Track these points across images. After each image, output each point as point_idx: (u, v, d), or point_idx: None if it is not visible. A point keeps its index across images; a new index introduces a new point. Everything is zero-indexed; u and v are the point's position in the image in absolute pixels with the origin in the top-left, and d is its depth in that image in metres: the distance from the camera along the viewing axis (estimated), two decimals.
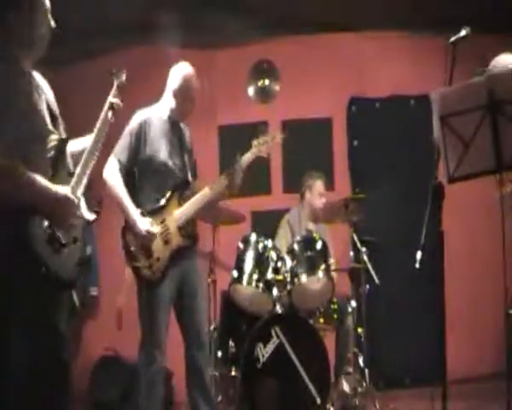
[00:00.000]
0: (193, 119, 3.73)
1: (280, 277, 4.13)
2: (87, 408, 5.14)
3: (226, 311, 4.42)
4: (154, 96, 3.67)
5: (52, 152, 2.46)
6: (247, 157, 3.65)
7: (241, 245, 4.19)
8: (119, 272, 4.40)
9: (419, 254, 2.56)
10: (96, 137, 2.63)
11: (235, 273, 4.08)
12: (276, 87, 6.07)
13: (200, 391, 3.42)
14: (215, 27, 5.38)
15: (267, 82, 6.09)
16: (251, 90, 6.10)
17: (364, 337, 4.41)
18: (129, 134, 3.45)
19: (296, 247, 4.20)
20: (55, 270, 2.34)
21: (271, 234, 4.64)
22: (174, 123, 3.58)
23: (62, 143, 2.51)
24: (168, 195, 3.43)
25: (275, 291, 4.10)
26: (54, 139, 2.48)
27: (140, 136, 3.43)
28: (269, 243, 4.19)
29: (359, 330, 4.46)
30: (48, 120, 2.49)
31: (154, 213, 3.39)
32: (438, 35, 3.94)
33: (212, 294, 4.34)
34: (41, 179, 2.34)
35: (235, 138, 5.50)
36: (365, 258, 4.39)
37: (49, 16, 2.55)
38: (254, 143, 3.68)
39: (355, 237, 4.47)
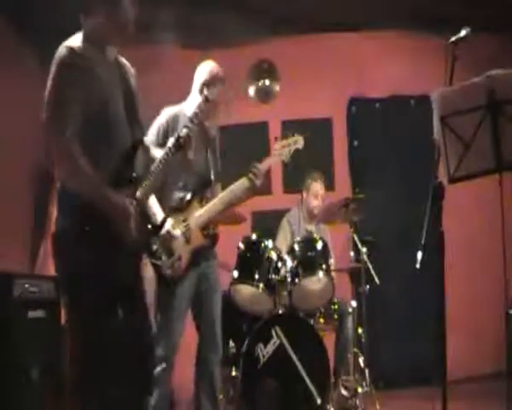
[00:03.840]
0: None
1: (280, 277, 4.13)
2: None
3: (226, 311, 4.41)
4: (154, 95, 3.66)
5: (126, 148, 2.44)
6: (269, 161, 3.65)
7: (241, 245, 4.19)
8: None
9: (419, 255, 2.56)
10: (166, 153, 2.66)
11: (235, 273, 4.08)
12: (276, 87, 6.07)
13: (207, 393, 3.42)
14: (215, 27, 5.38)
15: (267, 82, 6.09)
16: (251, 90, 6.10)
17: (364, 338, 4.41)
18: (156, 130, 3.45)
19: (296, 247, 4.20)
20: (112, 275, 2.32)
21: (272, 234, 4.64)
22: (199, 123, 3.56)
23: (135, 144, 2.48)
24: (191, 194, 3.42)
25: (275, 292, 4.09)
26: (128, 133, 2.45)
27: (167, 132, 3.41)
28: (269, 243, 4.19)
29: (359, 330, 4.46)
30: (122, 112, 2.45)
31: (177, 211, 3.38)
32: (438, 35, 3.94)
33: None
34: (103, 185, 2.32)
35: (236, 138, 5.51)
36: (365, 258, 4.39)
37: (134, 2, 2.52)
38: (276, 146, 3.69)
39: (355, 237, 4.47)
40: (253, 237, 4.22)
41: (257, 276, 4.03)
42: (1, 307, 3.68)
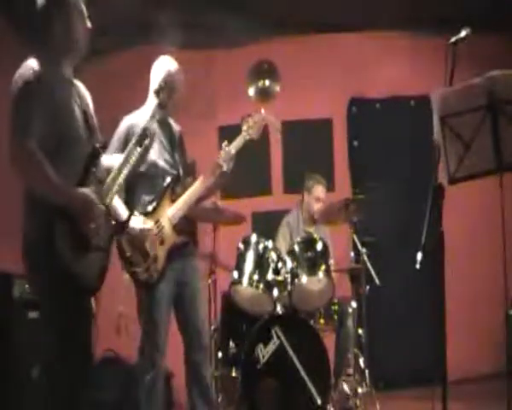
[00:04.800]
0: (193, 119, 3.72)
1: (280, 277, 4.13)
2: (87, 408, 5.13)
3: (226, 312, 4.42)
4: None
5: (84, 159, 2.50)
6: (236, 143, 3.56)
7: (241, 246, 4.19)
8: (118, 274, 4.39)
9: (419, 255, 2.56)
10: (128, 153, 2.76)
11: (235, 274, 4.07)
12: (276, 87, 6.06)
13: (199, 393, 3.41)
14: (215, 27, 5.38)
15: (267, 82, 6.08)
16: (251, 91, 6.09)
17: (365, 338, 4.41)
18: (117, 140, 3.40)
19: (296, 248, 4.19)
20: (75, 272, 2.38)
21: (272, 235, 4.64)
22: (162, 121, 3.49)
23: (95, 152, 2.55)
24: (160, 194, 3.37)
25: (275, 292, 4.09)
26: (87, 146, 2.52)
27: (128, 140, 3.25)
28: (269, 243, 4.19)
29: (359, 330, 4.45)
30: (82, 126, 2.54)
31: (148, 214, 3.32)
32: (438, 35, 3.93)
33: (212, 295, 4.34)
34: (59, 180, 2.38)
35: (235, 138, 5.50)
36: (365, 258, 4.39)
37: (86, 19, 2.61)
38: (243, 127, 3.60)
39: (355, 238, 4.47)
40: (253, 237, 4.22)
41: (257, 276, 4.03)
42: (1, 307, 3.69)
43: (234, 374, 4.19)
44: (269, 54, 6.01)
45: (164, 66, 3.48)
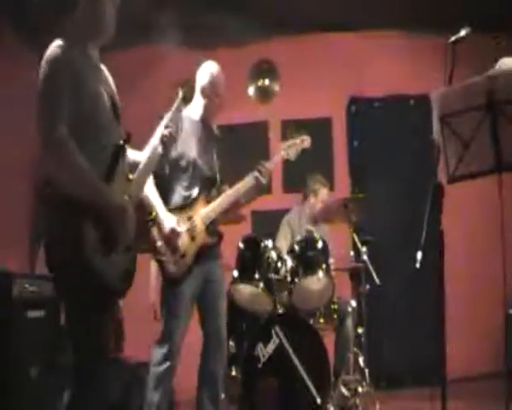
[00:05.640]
0: None
1: (280, 277, 4.13)
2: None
3: (226, 311, 4.42)
4: (154, 95, 3.67)
5: (111, 148, 2.40)
6: (276, 159, 3.70)
7: (241, 245, 4.19)
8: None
9: (419, 254, 2.56)
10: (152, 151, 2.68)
11: (235, 273, 4.08)
12: (276, 87, 6.07)
13: (209, 396, 3.42)
14: (215, 27, 5.38)
15: (267, 82, 6.09)
16: (251, 90, 6.10)
17: (364, 337, 4.41)
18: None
19: (296, 247, 4.20)
20: (100, 273, 2.28)
21: (271, 234, 4.64)
22: (204, 122, 3.60)
23: (122, 144, 2.45)
24: (196, 192, 3.43)
25: (275, 291, 4.10)
26: (113, 135, 2.42)
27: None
28: (269, 242, 4.19)
29: (359, 330, 4.46)
30: (110, 113, 2.45)
31: (182, 209, 3.39)
32: (438, 35, 3.93)
33: None
34: (99, 181, 2.28)
35: (236, 138, 5.51)
36: (365, 258, 4.39)
37: (114, 4, 2.53)
38: (283, 145, 3.72)
39: (355, 237, 4.47)
40: (253, 236, 4.22)
41: (257, 275, 4.03)
42: (1, 307, 3.68)
43: (234, 373, 4.20)
44: (269, 54, 6.02)
45: (210, 68, 3.60)
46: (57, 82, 2.27)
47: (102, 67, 2.59)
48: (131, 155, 2.66)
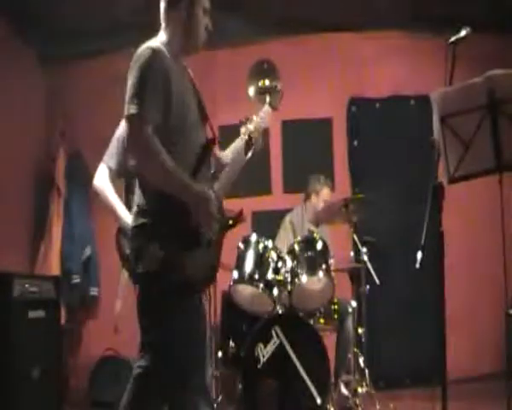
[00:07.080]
0: None
1: (280, 277, 4.13)
2: (87, 408, 5.14)
3: (226, 311, 4.42)
4: None
5: (197, 148, 2.43)
6: (262, 114, 3.60)
7: (241, 245, 4.19)
8: (118, 272, 4.40)
9: (419, 255, 2.56)
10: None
11: (235, 274, 4.07)
12: (277, 87, 6.06)
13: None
14: (215, 27, 5.37)
15: (267, 82, 6.08)
16: (251, 91, 6.09)
17: (365, 338, 4.41)
18: (116, 140, 3.44)
19: (296, 247, 4.19)
20: (183, 267, 2.27)
21: (272, 234, 4.63)
22: None
23: (209, 144, 2.48)
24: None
25: (275, 291, 4.09)
26: (200, 136, 2.47)
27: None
28: (269, 243, 4.19)
29: (359, 330, 4.46)
30: (196, 114, 2.49)
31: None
32: (438, 35, 3.94)
33: (212, 294, 4.34)
34: (183, 173, 2.29)
35: (235, 138, 5.50)
36: (365, 258, 4.39)
37: (208, 16, 2.61)
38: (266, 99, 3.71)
39: (355, 238, 4.47)
40: (253, 236, 4.22)
41: (257, 276, 4.03)
42: (1, 307, 3.69)
43: (234, 374, 4.20)
44: (269, 54, 5.99)
45: None
46: (149, 86, 2.27)
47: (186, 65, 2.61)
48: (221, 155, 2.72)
